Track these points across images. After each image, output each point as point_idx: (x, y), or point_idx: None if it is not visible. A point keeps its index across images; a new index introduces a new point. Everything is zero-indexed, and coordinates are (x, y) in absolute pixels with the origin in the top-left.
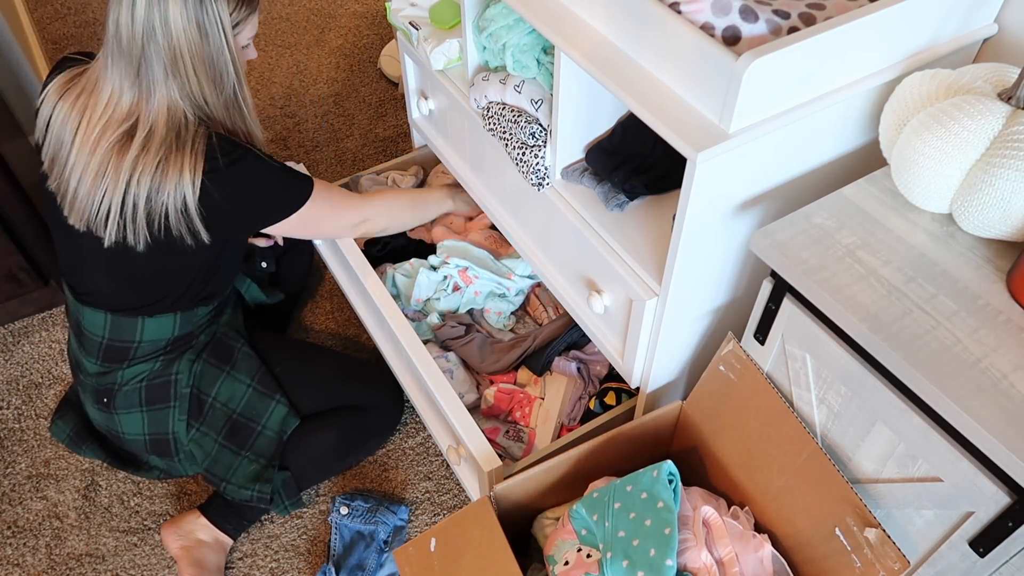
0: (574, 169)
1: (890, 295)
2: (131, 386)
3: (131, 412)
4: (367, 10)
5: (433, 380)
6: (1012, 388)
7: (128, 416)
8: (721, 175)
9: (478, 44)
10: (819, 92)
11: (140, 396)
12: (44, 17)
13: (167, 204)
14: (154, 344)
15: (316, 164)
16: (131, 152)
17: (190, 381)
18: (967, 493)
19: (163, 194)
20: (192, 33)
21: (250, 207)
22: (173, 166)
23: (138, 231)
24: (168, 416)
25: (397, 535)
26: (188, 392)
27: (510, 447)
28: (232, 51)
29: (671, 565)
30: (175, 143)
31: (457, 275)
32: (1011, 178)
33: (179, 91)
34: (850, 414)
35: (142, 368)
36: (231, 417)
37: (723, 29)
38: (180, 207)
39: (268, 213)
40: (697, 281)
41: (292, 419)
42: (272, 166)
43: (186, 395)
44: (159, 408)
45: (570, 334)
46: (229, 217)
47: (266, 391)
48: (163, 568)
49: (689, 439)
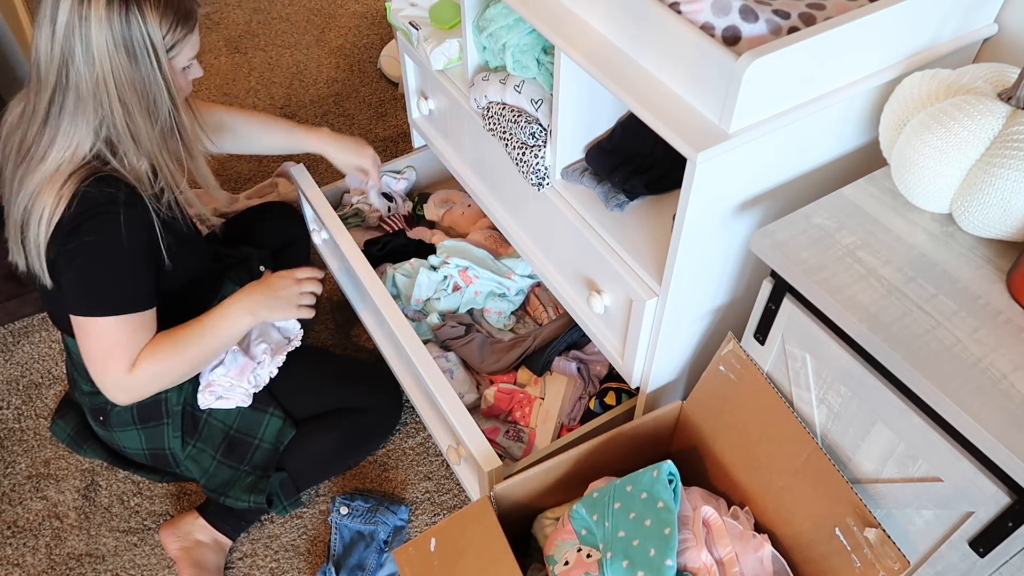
0: (574, 169)
1: (890, 295)
2: (122, 407)
3: (127, 430)
4: (367, 10)
5: (433, 380)
6: (1012, 388)
7: (125, 433)
8: (721, 175)
9: (478, 44)
10: (819, 92)
11: (133, 415)
12: None
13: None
14: None
15: (316, 164)
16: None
17: (180, 399)
18: (967, 493)
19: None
20: (118, 59)
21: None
22: (44, 214)
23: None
24: (163, 433)
25: (397, 535)
26: (179, 410)
27: (510, 447)
28: (166, 76)
29: (671, 565)
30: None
31: (457, 275)
32: (1011, 178)
33: (97, 124)
34: (850, 414)
35: None
36: (228, 434)
37: (723, 29)
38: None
39: (74, 291)
40: (697, 281)
41: (288, 430)
42: (110, 258)
43: (178, 412)
44: (153, 426)
45: (570, 334)
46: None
47: (259, 405)
48: (163, 568)
49: (689, 439)
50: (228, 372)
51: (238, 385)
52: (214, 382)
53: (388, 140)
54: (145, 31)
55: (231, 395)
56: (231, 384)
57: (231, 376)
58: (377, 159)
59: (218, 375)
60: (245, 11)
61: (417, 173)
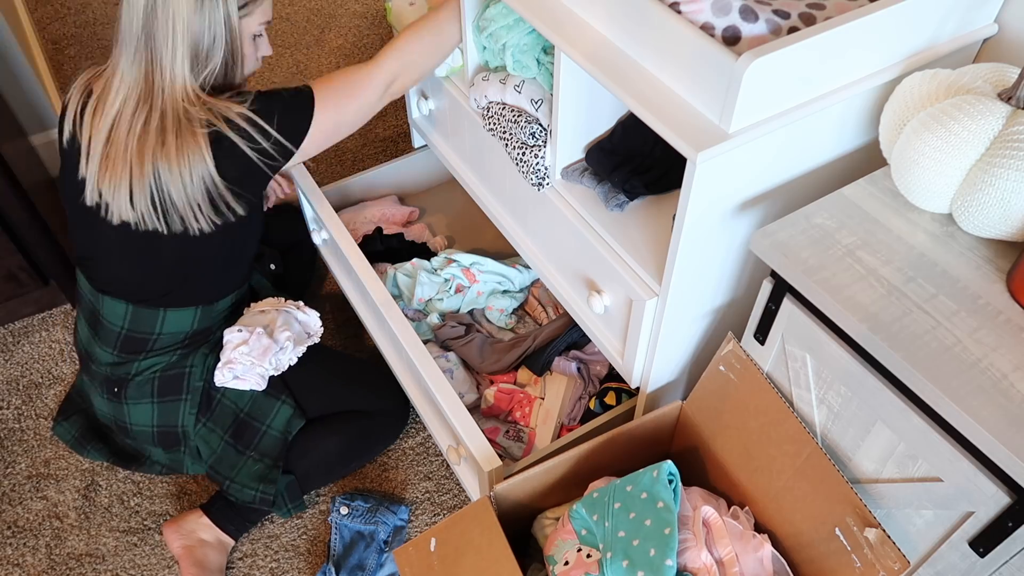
0: (574, 169)
1: (890, 295)
2: (144, 376)
3: (141, 403)
4: (367, 10)
5: (433, 380)
6: (1012, 388)
7: (138, 407)
8: (721, 175)
9: (478, 44)
10: (819, 92)
11: (153, 387)
12: (44, 17)
13: (194, 185)
14: (173, 337)
15: (316, 164)
16: (150, 141)
17: (202, 375)
18: (967, 493)
19: (187, 176)
20: (189, 6)
21: (267, 134)
22: (192, 149)
23: (171, 218)
24: (179, 408)
25: (397, 535)
26: (200, 385)
27: (510, 447)
28: (233, 32)
29: (671, 565)
30: (186, 125)
31: (461, 274)
32: (1011, 178)
33: (179, 63)
34: (850, 414)
35: (158, 360)
36: (238, 416)
37: (723, 29)
38: (208, 183)
39: (287, 133)
40: (697, 281)
41: (297, 420)
42: (271, 96)
43: (199, 388)
44: (171, 400)
45: (570, 334)
46: (251, 167)
47: (272, 391)
48: (163, 568)
49: (689, 439)
50: (251, 352)
51: (258, 365)
52: (235, 360)
53: (388, 140)
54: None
55: (248, 376)
56: (251, 363)
57: (253, 356)
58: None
59: (240, 353)
60: None
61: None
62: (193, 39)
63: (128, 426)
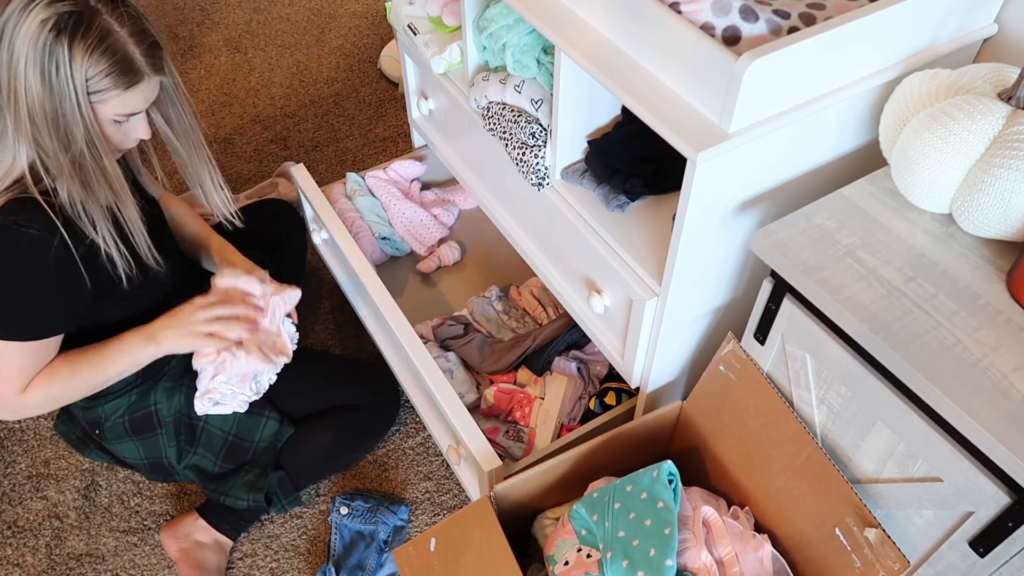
0: (574, 171)
1: (890, 295)
2: (114, 421)
3: (124, 442)
4: (367, 10)
5: (433, 380)
6: (1012, 388)
7: (122, 445)
8: (721, 175)
9: (478, 44)
10: (819, 92)
11: (126, 428)
12: None
13: None
14: (122, 381)
15: (316, 164)
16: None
17: (172, 411)
18: (967, 493)
19: None
20: (33, 78)
21: None
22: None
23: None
24: (158, 443)
25: (397, 535)
26: (172, 420)
27: (510, 447)
28: (84, 114)
29: (671, 565)
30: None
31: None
32: (1011, 178)
33: (12, 138)
34: (850, 414)
35: (119, 403)
36: (226, 440)
37: (723, 29)
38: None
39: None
40: (697, 281)
41: (286, 429)
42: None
43: (171, 423)
44: (148, 437)
45: (570, 334)
46: None
47: (254, 410)
48: (163, 568)
49: (689, 439)
50: (229, 380)
51: (239, 393)
52: (213, 390)
53: (388, 140)
54: (67, 67)
55: (229, 402)
56: (232, 392)
57: (232, 384)
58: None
59: (218, 383)
60: (245, 11)
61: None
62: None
63: (122, 459)
